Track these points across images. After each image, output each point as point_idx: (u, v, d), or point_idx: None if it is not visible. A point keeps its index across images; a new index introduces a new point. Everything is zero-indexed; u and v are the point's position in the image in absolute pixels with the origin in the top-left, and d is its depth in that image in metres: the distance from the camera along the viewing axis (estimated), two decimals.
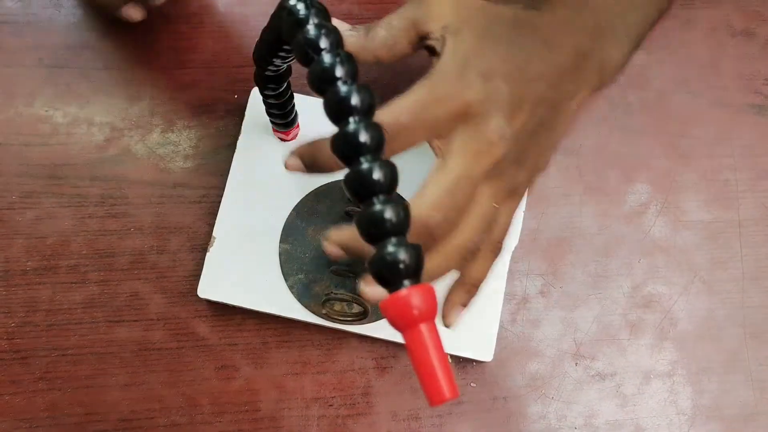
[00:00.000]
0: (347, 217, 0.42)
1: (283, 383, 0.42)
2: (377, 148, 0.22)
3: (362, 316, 0.40)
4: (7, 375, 0.41)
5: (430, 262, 0.34)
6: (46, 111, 0.45)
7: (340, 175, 0.42)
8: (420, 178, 0.34)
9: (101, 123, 0.45)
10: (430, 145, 0.36)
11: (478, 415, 0.42)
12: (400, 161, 0.25)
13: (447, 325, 0.38)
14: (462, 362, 0.43)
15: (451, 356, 0.42)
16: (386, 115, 0.33)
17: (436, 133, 0.35)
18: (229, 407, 0.41)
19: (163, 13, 0.47)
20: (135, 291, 0.43)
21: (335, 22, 0.39)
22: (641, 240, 0.45)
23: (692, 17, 0.49)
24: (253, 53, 0.33)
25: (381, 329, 0.41)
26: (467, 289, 0.38)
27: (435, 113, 0.34)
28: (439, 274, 0.35)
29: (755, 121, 0.48)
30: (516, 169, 0.37)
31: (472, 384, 0.43)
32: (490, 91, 0.34)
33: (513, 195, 0.38)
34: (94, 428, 0.41)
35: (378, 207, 0.21)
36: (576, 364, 0.43)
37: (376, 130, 0.22)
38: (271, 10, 0.29)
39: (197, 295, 0.41)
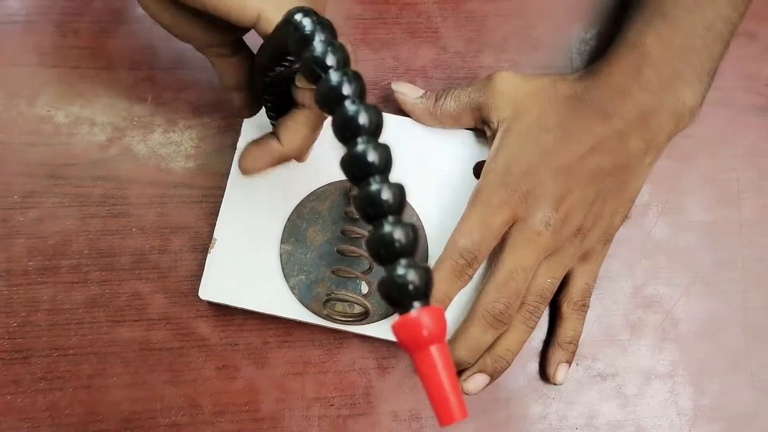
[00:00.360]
0: (347, 218, 0.42)
1: (284, 383, 0.42)
2: (385, 169, 0.22)
3: (363, 317, 0.40)
4: (8, 375, 0.41)
5: (509, 340, 0.40)
6: (48, 111, 0.45)
7: (340, 175, 0.43)
8: None
9: (103, 123, 0.45)
10: None
11: (480, 416, 0.42)
12: None
13: (558, 383, 0.42)
14: None
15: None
16: (463, 239, 0.39)
17: (499, 237, 0.40)
18: (230, 407, 0.41)
19: None
20: (136, 291, 0.43)
21: (406, 87, 0.44)
22: (643, 241, 0.45)
23: None
24: (254, 61, 0.33)
25: (382, 330, 0.41)
26: (564, 347, 0.42)
27: (494, 223, 0.39)
28: (521, 343, 0.41)
29: (757, 122, 0.48)
30: (581, 238, 0.41)
31: None
32: (532, 188, 0.39)
33: (586, 259, 0.42)
34: (95, 428, 0.41)
35: (387, 228, 0.22)
36: (577, 364, 0.43)
37: (384, 151, 0.22)
38: None
39: (198, 296, 0.41)
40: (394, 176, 0.25)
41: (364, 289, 0.41)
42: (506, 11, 0.49)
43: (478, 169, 0.43)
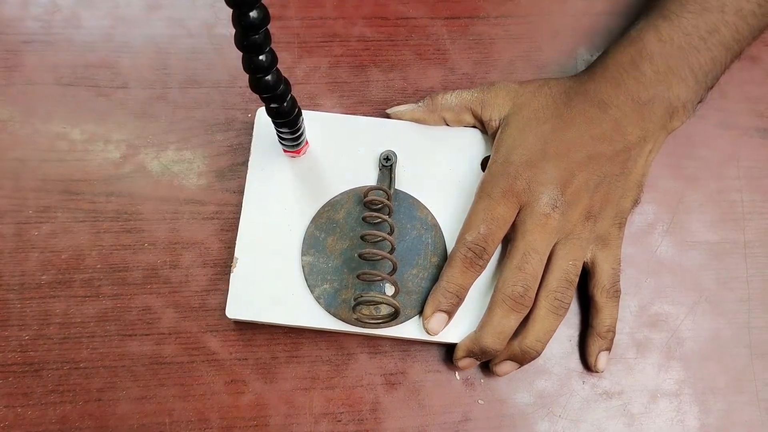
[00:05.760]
0: (365, 224, 0.43)
1: (292, 398, 0.42)
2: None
3: (392, 317, 0.40)
4: (20, 387, 0.42)
5: (538, 330, 0.40)
6: (64, 128, 0.46)
7: (353, 183, 0.43)
8: None
9: (117, 140, 0.46)
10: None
11: None
12: None
13: (599, 371, 0.43)
14: (470, 379, 0.43)
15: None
16: (470, 233, 0.41)
17: (506, 226, 0.41)
18: (238, 422, 0.42)
19: (178, 33, 0.49)
20: (147, 305, 0.43)
21: (401, 105, 0.46)
22: (648, 260, 0.46)
23: None
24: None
25: (412, 330, 0.42)
26: (603, 336, 0.42)
27: (498, 213, 0.41)
28: (550, 332, 0.41)
29: (761, 143, 0.49)
30: (593, 222, 0.42)
31: (479, 401, 0.43)
32: (535, 175, 0.41)
33: (603, 243, 0.43)
34: None
35: None
36: (583, 382, 0.43)
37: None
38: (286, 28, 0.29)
39: (209, 310, 0.41)
40: (406, 179, 0.25)
41: (389, 291, 0.42)
42: (513, 34, 0.50)
43: (485, 164, 0.45)
